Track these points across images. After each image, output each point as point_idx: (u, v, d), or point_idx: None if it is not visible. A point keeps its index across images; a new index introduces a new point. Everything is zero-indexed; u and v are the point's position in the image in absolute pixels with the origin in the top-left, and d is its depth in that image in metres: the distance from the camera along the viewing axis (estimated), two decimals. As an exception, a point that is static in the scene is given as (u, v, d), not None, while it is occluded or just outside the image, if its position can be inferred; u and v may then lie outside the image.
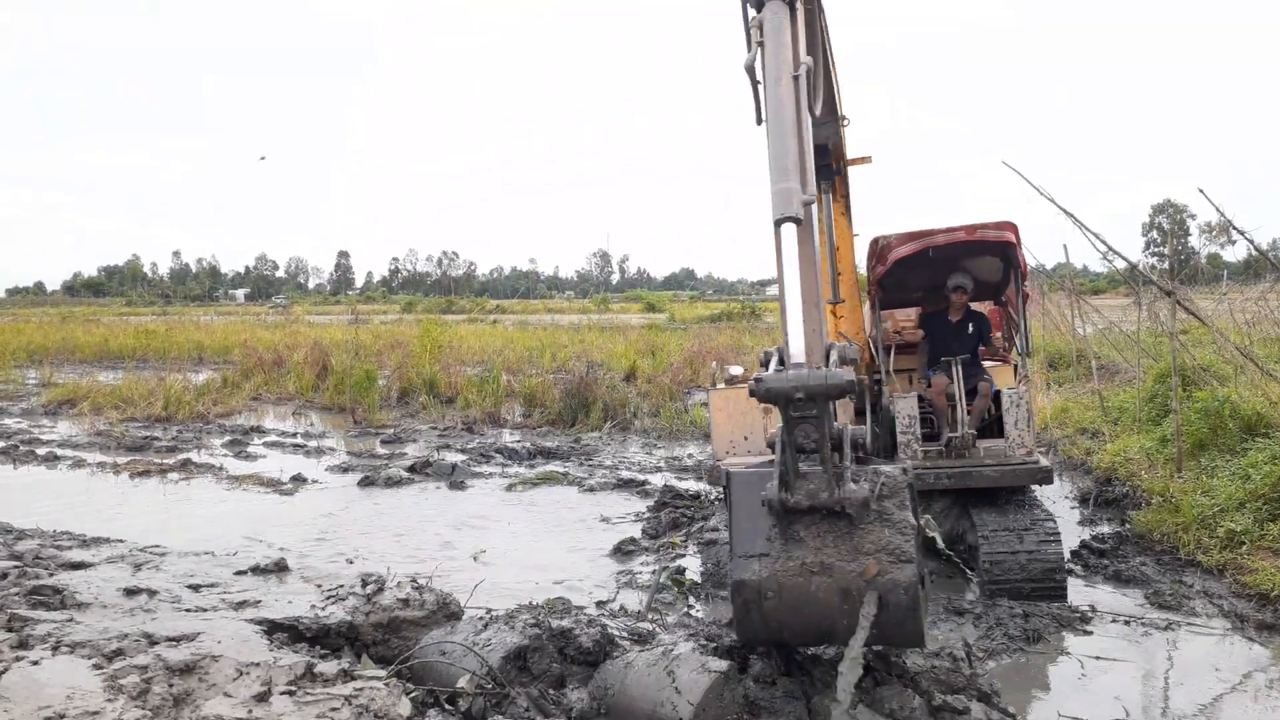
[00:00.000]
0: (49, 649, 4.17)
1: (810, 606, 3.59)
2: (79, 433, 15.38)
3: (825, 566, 3.56)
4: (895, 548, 3.55)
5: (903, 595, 3.48)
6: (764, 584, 3.59)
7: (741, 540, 3.69)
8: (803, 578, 3.58)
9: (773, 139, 3.76)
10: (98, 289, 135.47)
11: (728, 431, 7.92)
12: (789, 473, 3.61)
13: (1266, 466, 7.60)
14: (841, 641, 3.58)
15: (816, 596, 3.57)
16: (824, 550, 3.58)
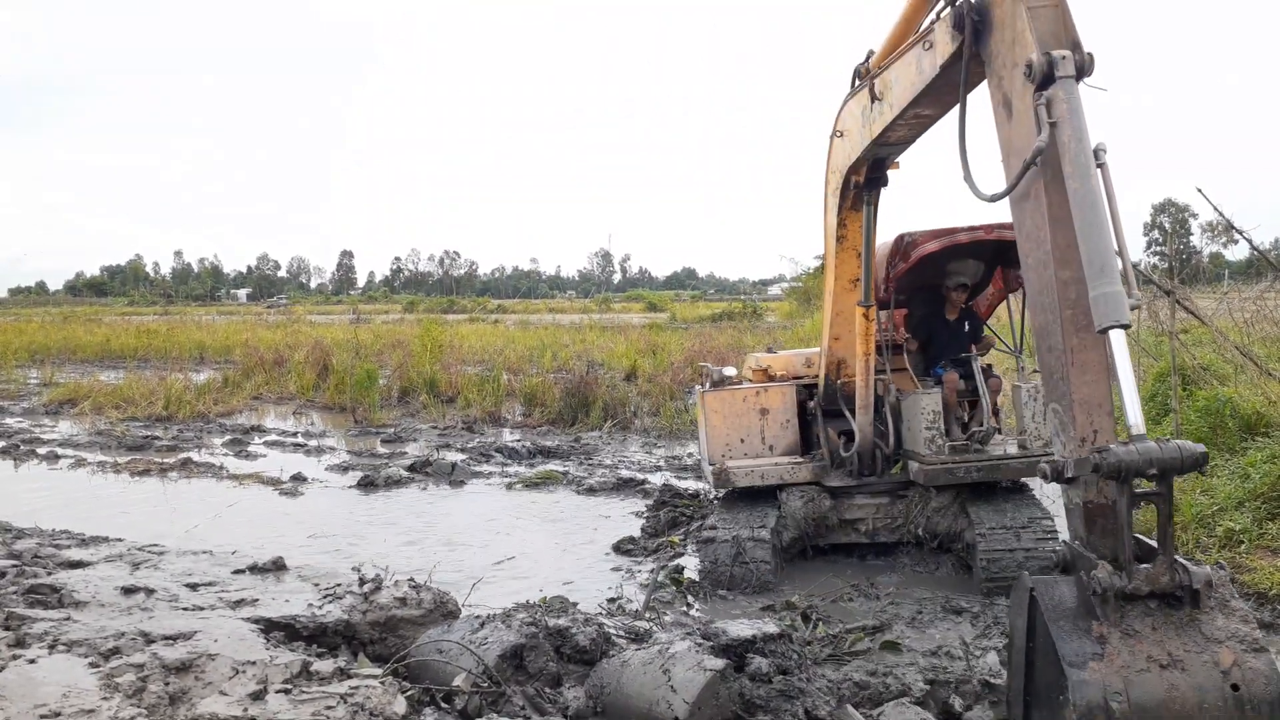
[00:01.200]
0: (46, 647, 4.18)
1: (1165, 708, 3.00)
2: (80, 432, 15.41)
3: (1175, 660, 3.04)
4: (1245, 635, 3.08)
5: (1264, 686, 2.98)
6: (1108, 686, 3.00)
7: (1065, 644, 3.09)
8: (1153, 673, 3.03)
9: (1088, 238, 3.26)
10: (100, 289, 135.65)
11: (724, 434, 7.91)
12: (1129, 559, 3.17)
13: (1266, 466, 7.59)
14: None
15: (1172, 695, 3.01)
16: (1168, 642, 3.06)
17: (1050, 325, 3.51)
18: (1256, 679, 2.95)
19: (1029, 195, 3.61)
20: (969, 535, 6.98)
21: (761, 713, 4.19)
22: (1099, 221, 3.25)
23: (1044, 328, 3.57)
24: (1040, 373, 3.68)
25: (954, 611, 6.27)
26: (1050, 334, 3.52)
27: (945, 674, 4.96)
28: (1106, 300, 3.18)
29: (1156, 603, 3.11)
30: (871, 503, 7.48)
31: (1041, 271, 3.55)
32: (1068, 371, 3.40)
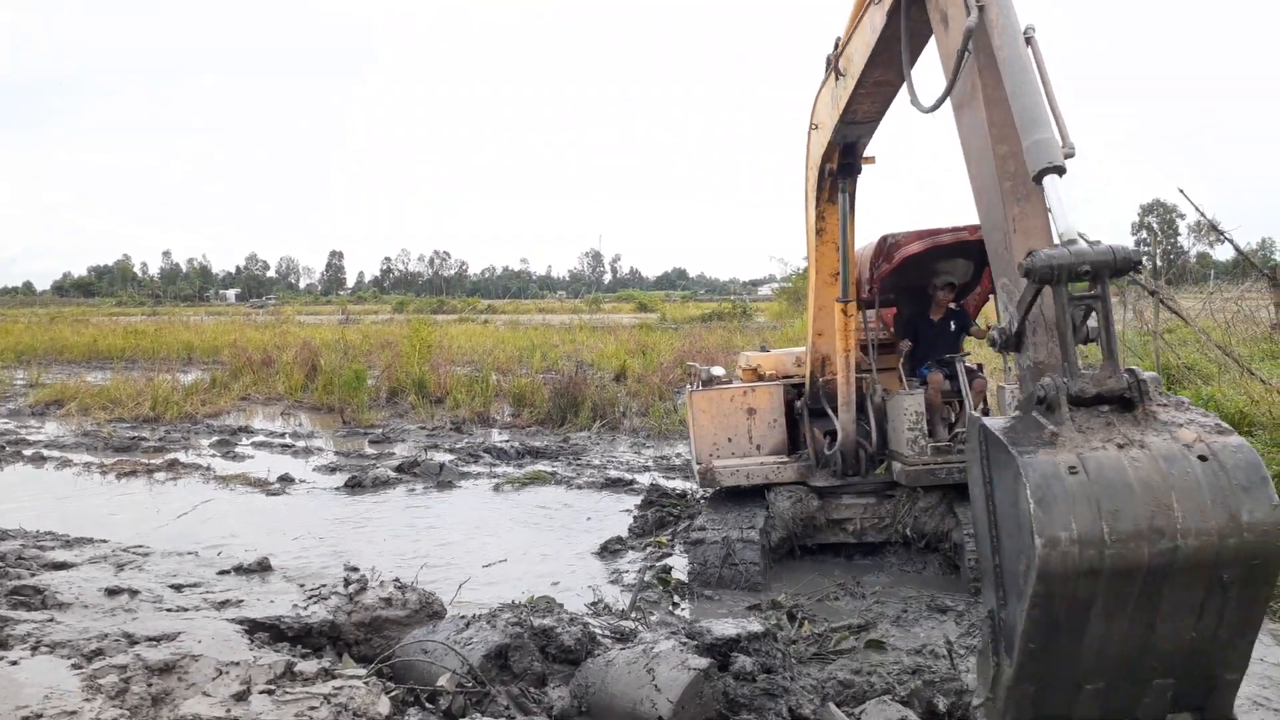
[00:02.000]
0: (28, 649, 4.16)
1: (1129, 478, 2.71)
2: (66, 433, 15.33)
3: (1133, 440, 2.81)
4: (1206, 423, 2.86)
5: (1234, 454, 2.71)
6: (1059, 461, 2.74)
7: (1015, 443, 2.85)
8: (1110, 450, 2.78)
9: (1018, 96, 3.29)
10: (87, 289, 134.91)
11: (711, 433, 7.93)
12: (1072, 362, 3.00)
13: (1248, 464, 7.65)
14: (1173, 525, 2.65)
15: (1136, 466, 2.73)
16: (1124, 429, 2.86)
17: (993, 204, 3.51)
18: (1224, 449, 2.74)
19: (966, 96, 3.67)
20: (956, 535, 7.02)
21: (745, 711, 4.21)
22: (1028, 81, 3.29)
23: (988, 212, 3.57)
24: (990, 260, 3.57)
25: (939, 610, 6.30)
26: (993, 212, 3.51)
27: (930, 672, 4.98)
28: (1039, 147, 3.18)
29: (1107, 406, 2.97)
30: (859, 503, 7.51)
31: (982, 158, 3.57)
32: (1010, 241, 3.36)
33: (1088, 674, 2.81)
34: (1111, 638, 2.76)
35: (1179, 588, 2.69)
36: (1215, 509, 2.64)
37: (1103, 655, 2.78)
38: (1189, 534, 2.62)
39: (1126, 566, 2.64)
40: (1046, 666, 2.81)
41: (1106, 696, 2.85)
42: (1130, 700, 2.86)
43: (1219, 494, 2.66)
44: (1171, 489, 2.68)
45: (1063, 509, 2.66)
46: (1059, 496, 2.68)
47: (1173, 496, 2.67)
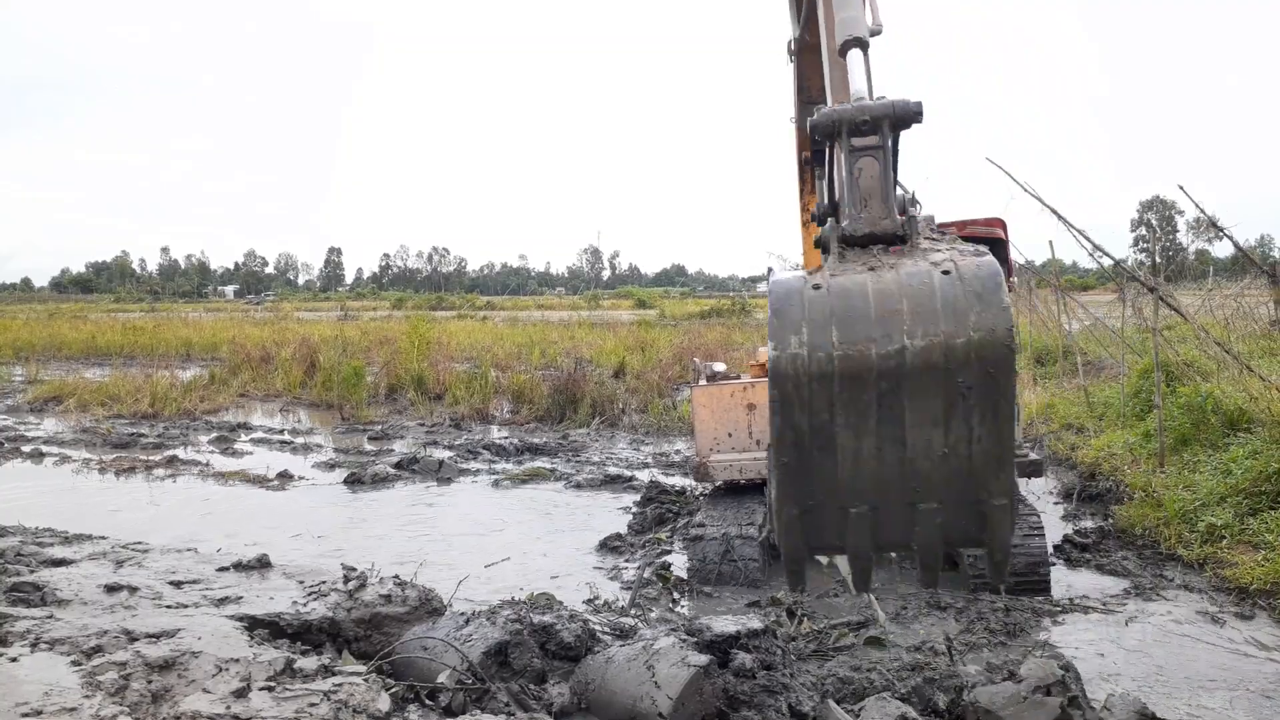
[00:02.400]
0: (28, 646, 4.15)
1: (867, 288, 2.76)
2: (65, 429, 15.32)
3: (887, 264, 2.85)
4: (969, 249, 2.88)
5: (975, 268, 2.73)
6: (805, 279, 2.82)
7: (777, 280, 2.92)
8: (860, 272, 2.84)
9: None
10: (86, 285, 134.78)
11: (711, 428, 7.94)
12: (841, 202, 3.05)
13: (1247, 461, 7.66)
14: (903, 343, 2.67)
15: (878, 280, 2.79)
16: (887, 259, 2.90)
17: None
18: (967, 264, 2.74)
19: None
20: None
21: (745, 708, 4.21)
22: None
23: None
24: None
25: (938, 608, 6.30)
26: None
27: (929, 669, 4.98)
28: (844, 24, 3.41)
29: (881, 247, 2.96)
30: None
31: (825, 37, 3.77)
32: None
33: (850, 496, 2.77)
34: (863, 454, 2.73)
35: (918, 395, 2.66)
36: (945, 313, 2.65)
37: (860, 474, 2.74)
38: (915, 335, 2.62)
39: (855, 369, 2.65)
40: (806, 486, 2.79)
41: (875, 524, 2.81)
42: (901, 529, 2.80)
43: (951, 300, 2.67)
44: (904, 297, 2.70)
45: (796, 317, 2.71)
46: (795, 307, 2.73)
47: (905, 304, 2.69)
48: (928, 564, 2.86)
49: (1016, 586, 6.53)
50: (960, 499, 2.73)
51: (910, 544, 2.84)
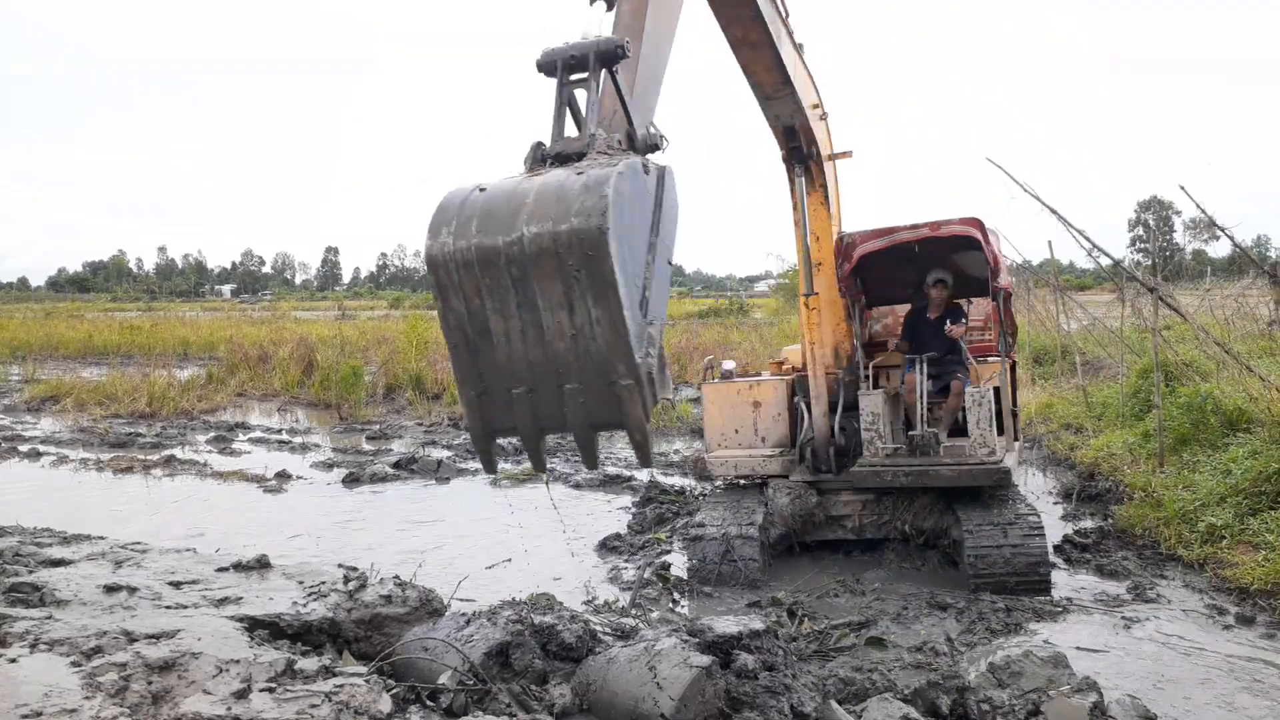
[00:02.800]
0: (27, 646, 4.13)
1: (508, 194, 3.11)
2: (62, 429, 15.29)
3: (546, 172, 3.21)
4: (621, 158, 3.22)
5: (602, 170, 3.05)
6: (475, 185, 3.22)
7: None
8: (514, 180, 3.20)
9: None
10: (83, 285, 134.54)
11: (719, 425, 8.03)
12: (556, 134, 3.45)
13: (1247, 461, 7.65)
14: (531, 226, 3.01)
15: (518, 186, 3.13)
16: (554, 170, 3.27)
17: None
18: (597, 168, 3.08)
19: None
20: (956, 532, 7.01)
21: (747, 709, 4.20)
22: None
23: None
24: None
25: (939, 608, 6.29)
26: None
27: (931, 670, 4.98)
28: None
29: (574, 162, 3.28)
30: (857, 500, 7.50)
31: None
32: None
33: (510, 379, 3.16)
34: (512, 338, 3.11)
35: (542, 280, 3.00)
36: (556, 204, 2.97)
37: (513, 357, 3.12)
38: (531, 222, 2.97)
39: (486, 255, 3.02)
40: (475, 370, 3.19)
41: (534, 404, 3.17)
42: (555, 410, 3.16)
43: (565, 194, 2.99)
44: (534, 194, 3.05)
45: (451, 214, 3.12)
46: (455, 205, 3.13)
47: (531, 198, 3.03)
48: (582, 445, 3.27)
49: (1017, 586, 6.53)
50: (595, 381, 3.06)
51: (565, 424, 3.21)
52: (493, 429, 3.31)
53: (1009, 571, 6.55)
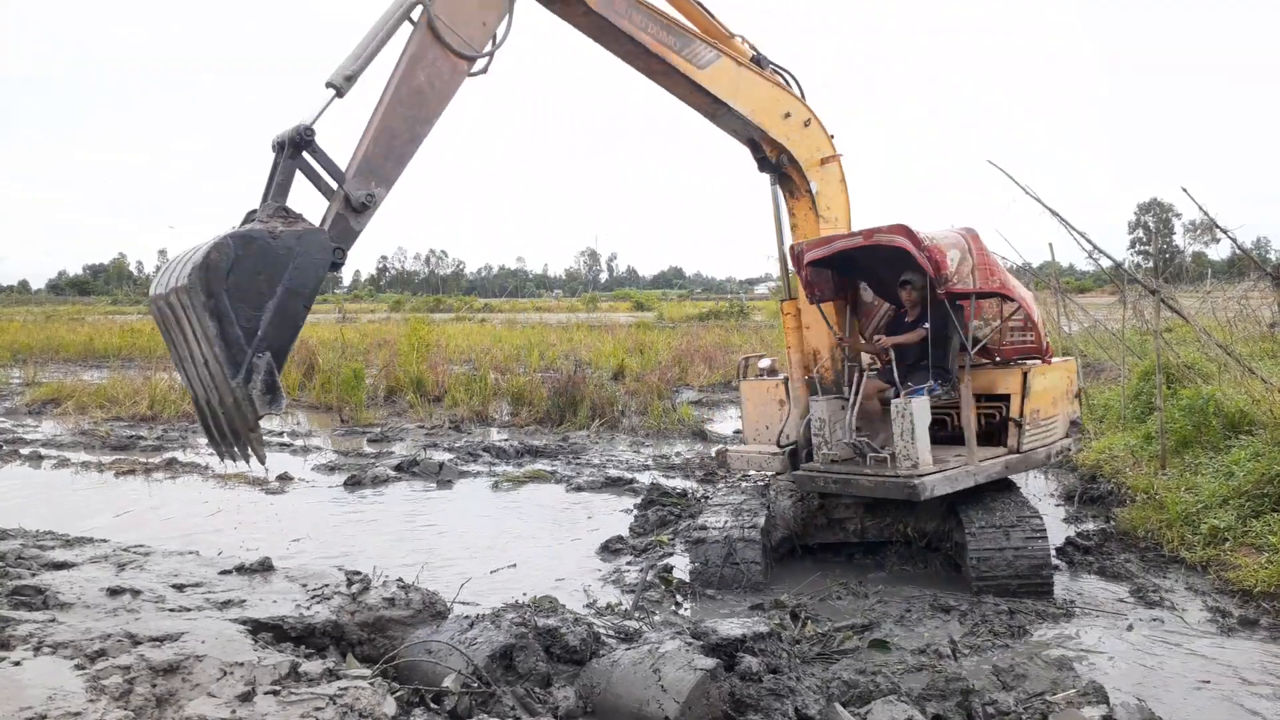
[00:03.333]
0: (31, 649, 4.13)
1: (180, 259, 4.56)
2: (63, 432, 15.28)
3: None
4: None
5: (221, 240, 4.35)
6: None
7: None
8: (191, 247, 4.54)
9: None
10: (83, 288, 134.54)
11: (754, 420, 8.22)
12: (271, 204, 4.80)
13: (1249, 463, 7.65)
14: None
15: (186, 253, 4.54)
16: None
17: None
18: (239, 231, 4.54)
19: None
20: (958, 535, 7.01)
21: (752, 711, 4.20)
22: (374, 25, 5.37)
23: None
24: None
25: (942, 610, 6.29)
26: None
27: (935, 672, 4.98)
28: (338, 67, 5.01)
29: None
30: (859, 502, 7.50)
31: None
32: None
33: (205, 394, 4.59)
34: (195, 362, 4.54)
35: (183, 321, 4.46)
36: (182, 267, 4.38)
37: (198, 378, 4.57)
38: (174, 279, 4.41)
39: (160, 303, 4.59)
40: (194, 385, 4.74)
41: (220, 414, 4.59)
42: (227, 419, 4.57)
43: (185, 260, 4.43)
44: (184, 256, 4.50)
45: (163, 268, 4.62)
46: (168, 261, 4.69)
47: (181, 260, 4.47)
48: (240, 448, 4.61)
49: (1019, 589, 6.53)
50: (225, 396, 4.40)
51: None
52: (210, 433, 4.72)
53: (1011, 574, 6.55)
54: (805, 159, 7.60)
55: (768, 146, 7.48)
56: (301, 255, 4.60)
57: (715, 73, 6.97)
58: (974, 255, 6.89)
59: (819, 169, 7.70)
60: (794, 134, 7.52)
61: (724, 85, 7.06)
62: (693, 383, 20.26)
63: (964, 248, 6.87)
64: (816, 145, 7.67)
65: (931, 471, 6.65)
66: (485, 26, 5.98)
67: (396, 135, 5.45)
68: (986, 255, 6.96)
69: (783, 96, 7.48)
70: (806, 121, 7.59)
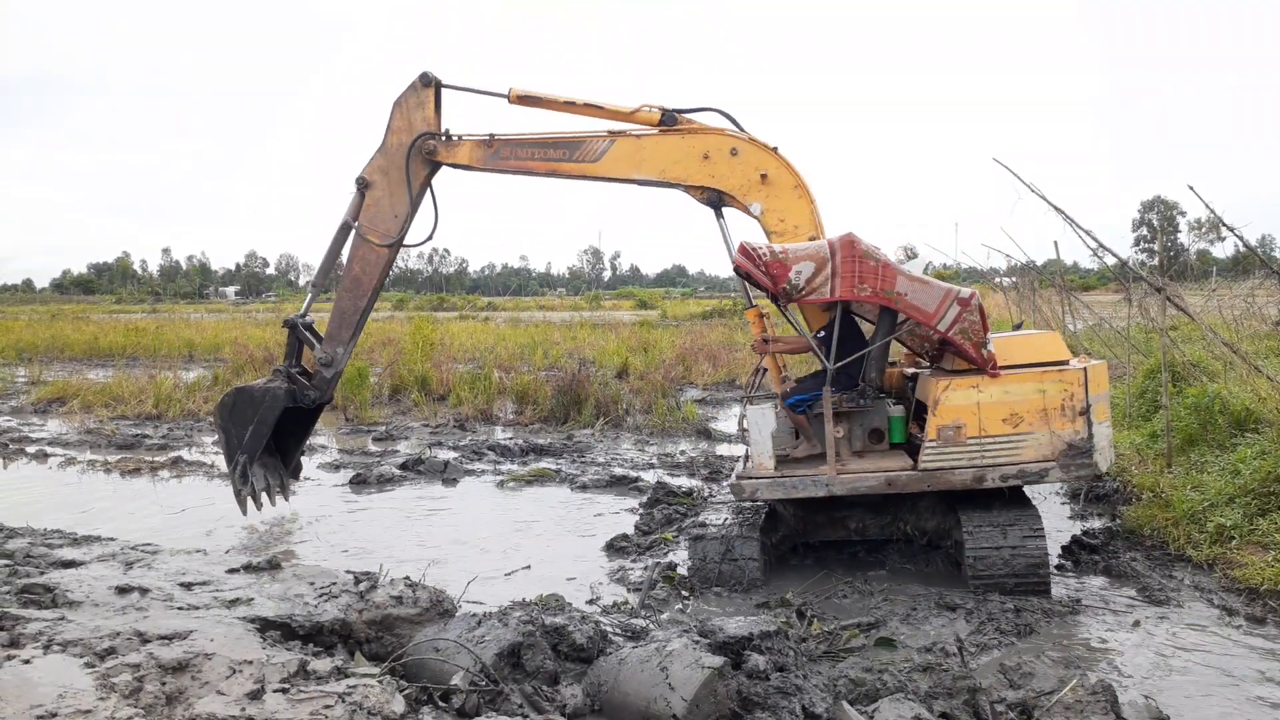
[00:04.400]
0: (40, 648, 4.15)
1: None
2: (69, 430, 15.31)
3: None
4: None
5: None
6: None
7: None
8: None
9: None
10: (87, 286, 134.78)
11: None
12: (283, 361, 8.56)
13: (1256, 462, 7.64)
14: None
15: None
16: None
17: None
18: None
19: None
20: (957, 533, 7.00)
21: (759, 710, 4.20)
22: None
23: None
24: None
25: (948, 608, 6.29)
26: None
27: (941, 670, 4.98)
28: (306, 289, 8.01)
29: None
30: (860, 500, 7.49)
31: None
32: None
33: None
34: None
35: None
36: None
37: None
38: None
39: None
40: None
41: None
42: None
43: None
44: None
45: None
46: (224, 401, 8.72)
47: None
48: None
49: (1017, 588, 6.53)
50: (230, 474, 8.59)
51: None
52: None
53: (1008, 573, 6.54)
54: (737, 187, 7.80)
55: (692, 192, 7.92)
56: (266, 401, 8.53)
57: (611, 160, 7.95)
58: (837, 264, 6.77)
59: (760, 188, 7.77)
60: (719, 170, 7.78)
61: (623, 166, 7.96)
62: (697, 381, 20.27)
63: (822, 258, 6.78)
64: (752, 167, 7.77)
65: (764, 476, 6.96)
66: (398, 218, 8.44)
67: (345, 313, 8.77)
68: (862, 262, 6.73)
69: (696, 142, 7.83)
70: (733, 150, 7.76)
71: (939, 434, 6.75)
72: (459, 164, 8.35)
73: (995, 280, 24.79)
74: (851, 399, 7.17)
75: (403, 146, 8.27)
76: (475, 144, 8.26)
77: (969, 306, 6.63)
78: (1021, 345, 7.10)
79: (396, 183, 8.31)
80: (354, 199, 8.45)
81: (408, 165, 8.27)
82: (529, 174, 8.18)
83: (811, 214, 7.75)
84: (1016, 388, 6.73)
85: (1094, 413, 6.68)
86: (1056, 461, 6.66)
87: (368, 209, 8.39)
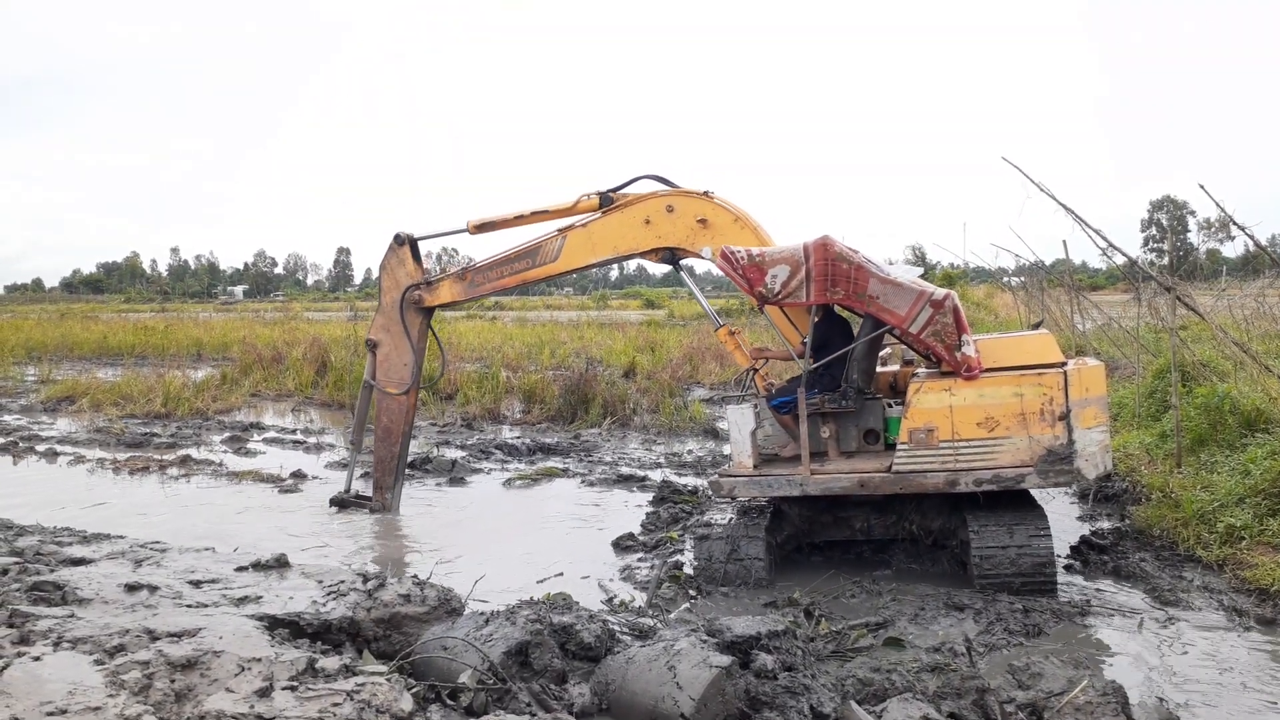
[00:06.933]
0: (50, 645, 4.16)
1: None
2: (78, 429, 15.38)
3: None
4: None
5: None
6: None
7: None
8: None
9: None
10: (96, 286, 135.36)
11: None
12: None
13: (1266, 462, 7.60)
14: None
15: None
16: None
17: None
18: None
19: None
20: (962, 532, 6.98)
21: (767, 709, 4.20)
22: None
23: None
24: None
25: (956, 608, 6.27)
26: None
27: (950, 670, 4.96)
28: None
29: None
30: (865, 500, 7.47)
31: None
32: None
33: None
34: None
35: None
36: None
37: None
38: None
39: None
40: None
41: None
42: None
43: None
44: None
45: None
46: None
47: None
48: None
49: (1023, 588, 6.50)
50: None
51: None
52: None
53: (1014, 573, 6.51)
54: (683, 238, 8.16)
55: (648, 256, 8.32)
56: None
57: (568, 255, 8.60)
58: (811, 267, 6.73)
59: (703, 232, 8.09)
60: (662, 229, 8.19)
61: (580, 255, 8.55)
62: (704, 380, 20.26)
63: (796, 262, 6.79)
64: (690, 216, 8.13)
65: (741, 475, 7.04)
66: (407, 365, 9.29)
67: (384, 460, 9.50)
68: (835, 265, 6.69)
69: (634, 213, 8.26)
70: (669, 208, 8.12)
71: (910, 436, 6.68)
72: (445, 304, 9.49)
73: (1004, 280, 24.72)
74: (834, 400, 7.17)
75: (395, 303, 9.29)
76: (453, 281, 9.29)
77: (942, 309, 6.54)
78: (1009, 347, 6.97)
79: (398, 336, 9.29)
80: (369, 360, 9.51)
81: (403, 318, 9.28)
82: (504, 292, 9.26)
83: (757, 240, 7.98)
84: (992, 391, 6.59)
85: (1077, 418, 6.49)
86: (1034, 467, 6.49)
87: (381, 365, 9.38)
